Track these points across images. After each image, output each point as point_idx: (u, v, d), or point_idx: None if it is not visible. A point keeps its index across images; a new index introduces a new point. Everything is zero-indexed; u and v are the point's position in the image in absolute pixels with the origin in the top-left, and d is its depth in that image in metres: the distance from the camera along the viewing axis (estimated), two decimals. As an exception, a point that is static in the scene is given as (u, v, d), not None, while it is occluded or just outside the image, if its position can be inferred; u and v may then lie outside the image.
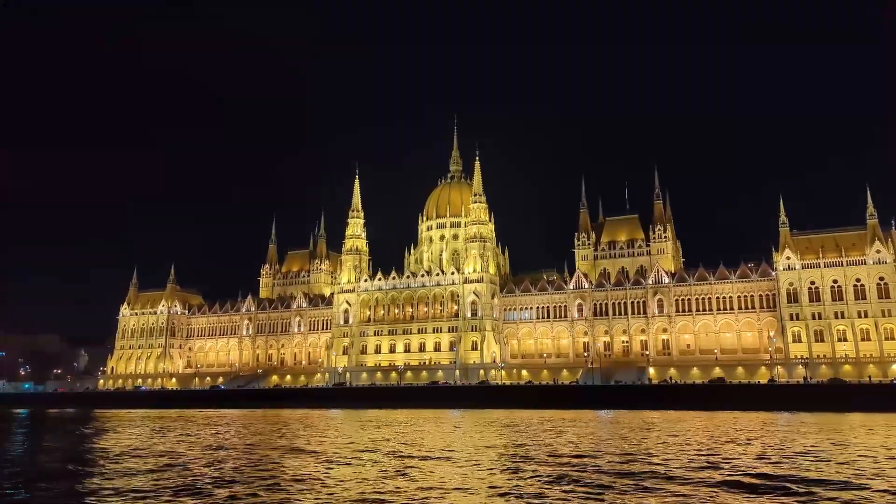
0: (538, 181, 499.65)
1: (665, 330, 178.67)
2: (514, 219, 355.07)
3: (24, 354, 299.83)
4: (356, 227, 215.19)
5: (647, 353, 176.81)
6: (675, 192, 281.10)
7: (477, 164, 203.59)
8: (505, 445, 64.97)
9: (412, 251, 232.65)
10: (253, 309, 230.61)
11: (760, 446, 62.06)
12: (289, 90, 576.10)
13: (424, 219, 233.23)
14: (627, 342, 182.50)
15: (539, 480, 42.91)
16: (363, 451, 60.59)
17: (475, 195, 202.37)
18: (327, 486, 41.81)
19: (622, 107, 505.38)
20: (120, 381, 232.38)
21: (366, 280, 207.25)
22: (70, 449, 70.93)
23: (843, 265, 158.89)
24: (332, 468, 50.39)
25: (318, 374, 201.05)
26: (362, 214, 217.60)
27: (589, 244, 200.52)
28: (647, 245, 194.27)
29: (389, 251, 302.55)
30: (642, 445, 63.48)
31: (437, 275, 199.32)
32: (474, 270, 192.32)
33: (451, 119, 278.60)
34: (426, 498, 37.63)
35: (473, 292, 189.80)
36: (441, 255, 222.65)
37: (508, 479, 43.80)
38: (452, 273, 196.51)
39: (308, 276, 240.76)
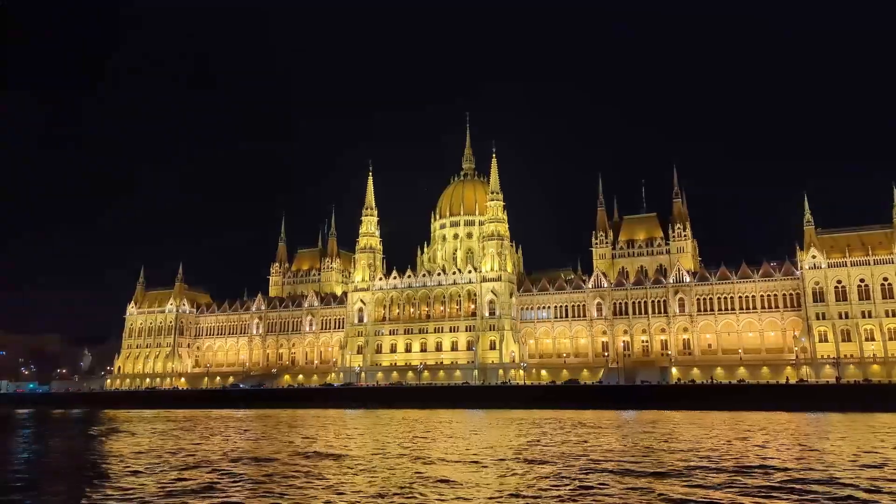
0: (545, 180, 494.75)
1: (686, 329, 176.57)
2: (523, 218, 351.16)
3: (25, 354, 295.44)
4: (370, 225, 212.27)
5: (668, 352, 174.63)
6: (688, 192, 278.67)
7: (494, 161, 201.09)
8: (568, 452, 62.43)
9: (425, 250, 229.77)
10: (263, 307, 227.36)
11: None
12: (295, 87, 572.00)
13: (437, 217, 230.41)
14: (647, 342, 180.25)
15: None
16: (397, 457, 57.40)
17: (492, 192, 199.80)
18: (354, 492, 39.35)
19: (631, 103, 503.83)
20: (128, 380, 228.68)
21: (380, 278, 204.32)
22: (89, 451, 67.79)
23: (869, 264, 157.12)
24: (361, 473, 47.60)
25: (333, 374, 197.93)
26: (376, 212, 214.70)
27: (607, 243, 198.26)
28: (667, 244, 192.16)
29: (398, 250, 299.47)
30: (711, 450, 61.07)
31: (454, 273, 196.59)
32: (492, 269, 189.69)
33: (455, 117, 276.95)
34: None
35: (491, 291, 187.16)
36: (455, 253, 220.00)
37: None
38: (470, 271, 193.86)
39: (319, 274, 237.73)
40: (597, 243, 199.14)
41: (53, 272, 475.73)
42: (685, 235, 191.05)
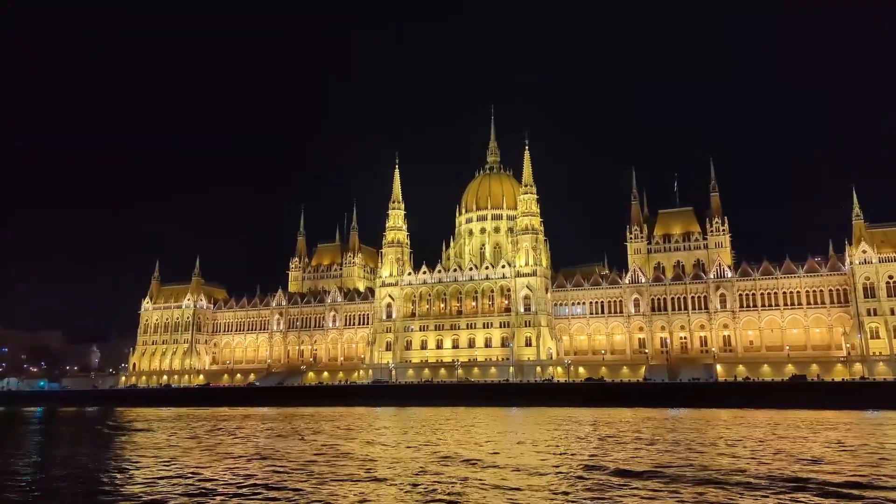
0: (568, 176, 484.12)
1: (726, 326, 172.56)
2: (547, 213, 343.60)
3: (26, 351, 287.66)
4: (397, 219, 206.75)
5: (710, 349, 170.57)
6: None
7: (526, 153, 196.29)
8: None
9: (451, 244, 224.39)
10: (284, 303, 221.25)
11: None
12: (306, 83, 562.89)
13: (462, 211, 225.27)
14: (686, 338, 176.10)
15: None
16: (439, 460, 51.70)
17: (525, 186, 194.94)
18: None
19: (653, 100, 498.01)
20: (144, 377, 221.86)
21: (409, 273, 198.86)
22: (113, 452, 62.27)
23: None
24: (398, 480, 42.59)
25: (361, 370, 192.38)
26: (403, 206, 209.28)
27: (642, 237, 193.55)
28: (704, 238, 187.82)
29: (421, 245, 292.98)
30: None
31: (487, 268, 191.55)
32: (526, 264, 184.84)
33: (480, 110, 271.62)
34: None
35: (526, 286, 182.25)
36: (482, 248, 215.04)
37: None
38: (503, 266, 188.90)
39: (340, 269, 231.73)
40: (631, 238, 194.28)
41: (52, 268, 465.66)
42: (723, 230, 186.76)
